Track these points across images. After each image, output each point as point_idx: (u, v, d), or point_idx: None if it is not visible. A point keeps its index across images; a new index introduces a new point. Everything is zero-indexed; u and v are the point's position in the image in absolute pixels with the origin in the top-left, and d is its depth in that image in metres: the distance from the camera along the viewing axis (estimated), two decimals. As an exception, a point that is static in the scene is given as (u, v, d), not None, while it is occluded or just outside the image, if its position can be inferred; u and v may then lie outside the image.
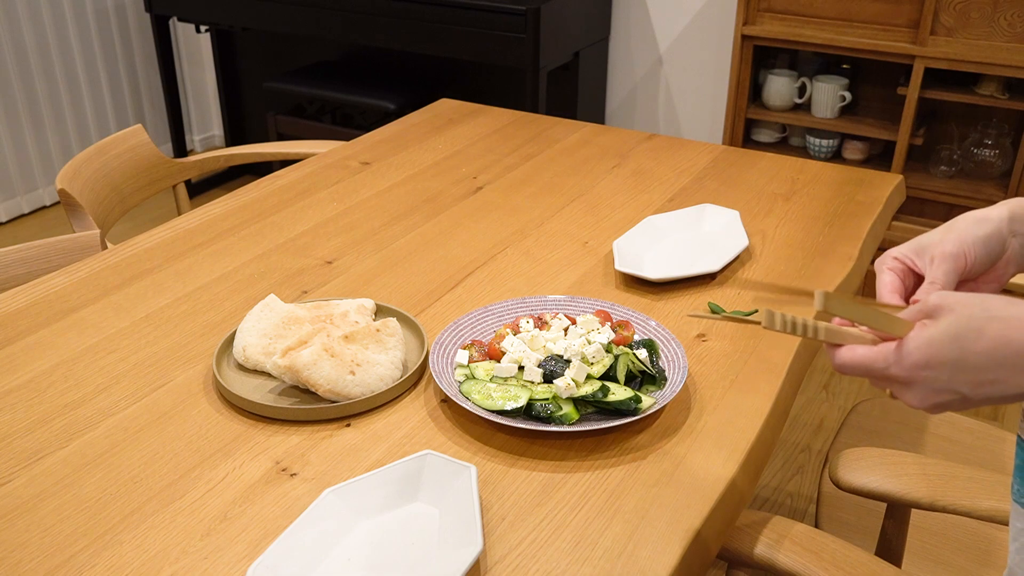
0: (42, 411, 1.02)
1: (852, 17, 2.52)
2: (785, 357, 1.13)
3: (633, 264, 1.31)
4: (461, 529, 0.83)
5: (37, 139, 3.50)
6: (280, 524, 0.86)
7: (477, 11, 2.76)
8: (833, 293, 0.64)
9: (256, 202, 1.56)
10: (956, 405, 0.64)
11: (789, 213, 1.53)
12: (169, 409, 1.03)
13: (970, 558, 1.22)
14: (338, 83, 3.22)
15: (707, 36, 3.07)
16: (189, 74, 4.01)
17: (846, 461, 1.02)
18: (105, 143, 1.80)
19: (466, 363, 1.06)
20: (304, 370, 1.00)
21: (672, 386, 1.02)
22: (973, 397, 0.63)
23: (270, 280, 1.31)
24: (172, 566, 0.81)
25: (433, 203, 1.56)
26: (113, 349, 1.14)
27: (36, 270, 1.44)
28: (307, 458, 0.95)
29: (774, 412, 1.04)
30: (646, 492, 0.90)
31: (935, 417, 1.49)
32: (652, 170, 1.71)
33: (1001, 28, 2.35)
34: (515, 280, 1.31)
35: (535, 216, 1.51)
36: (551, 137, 1.86)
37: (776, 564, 0.94)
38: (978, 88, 2.52)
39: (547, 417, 0.97)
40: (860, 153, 2.78)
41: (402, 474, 0.89)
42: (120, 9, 3.67)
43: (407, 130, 1.91)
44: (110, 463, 0.94)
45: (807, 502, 2.10)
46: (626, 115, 3.32)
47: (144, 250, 1.39)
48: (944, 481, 0.98)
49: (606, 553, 0.83)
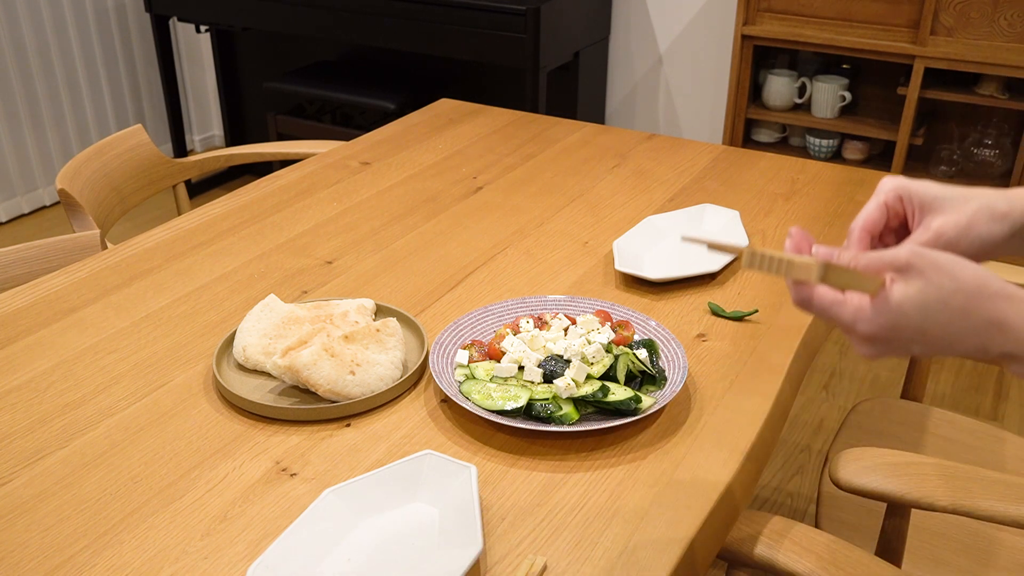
0: (42, 411, 1.02)
1: (852, 17, 2.52)
2: (785, 357, 1.13)
3: (633, 264, 1.31)
4: (461, 529, 0.83)
5: (37, 139, 3.50)
6: (280, 524, 0.86)
7: (477, 11, 2.76)
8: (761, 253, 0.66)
9: (256, 202, 1.56)
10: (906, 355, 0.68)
11: (789, 213, 1.53)
12: (169, 409, 1.03)
13: (970, 558, 1.22)
14: (338, 83, 3.22)
15: (707, 36, 3.07)
16: (189, 74, 4.01)
17: (846, 461, 1.02)
18: (105, 143, 1.80)
19: (466, 363, 1.06)
20: (304, 370, 1.00)
21: (672, 386, 1.02)
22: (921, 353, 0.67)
23: (270, 280, 1.31)
24: (172, 566, 0.81)
25: (433, 203, 1.56)
26: (113, 349, 1.14)
27: (36, 270, 1.44)
28: (307, 458, 0.95)
29: (774, 412, 1.04)
30: (646, 492, 0.90)
31: (935, 417, 1.49)
32: (652, 170, 1.71)
33: (1001, 28, 2.35)
34: (515, 280, 1.31)
35: (535, 216, 1.51)
36: (551, 137, 1.87)
37: (776, 564, 0.94)
38: (978, 88, 2.52)
39: (547, 417, 0.97)
40: (860, 153, 2.78)
41: (402, 474, 0.89)
42: (120, 9, 3.67)
43: (407, 130, 1.91)
44: (110, 463, 0.94)
45: (807, 502, 2.10)
46: (626, 115, 3.32)
47: (144, 250, 1.39)
48: (944, 481, 0.98)
49: (606, 553, 0.83)
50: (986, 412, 2.41)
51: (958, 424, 1.48)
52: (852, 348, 0.73)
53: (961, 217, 0.74)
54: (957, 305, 0.64)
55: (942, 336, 0.65)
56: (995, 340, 0.65)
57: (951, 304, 0.64)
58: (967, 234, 0.73)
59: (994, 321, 0.64)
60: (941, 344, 0.66)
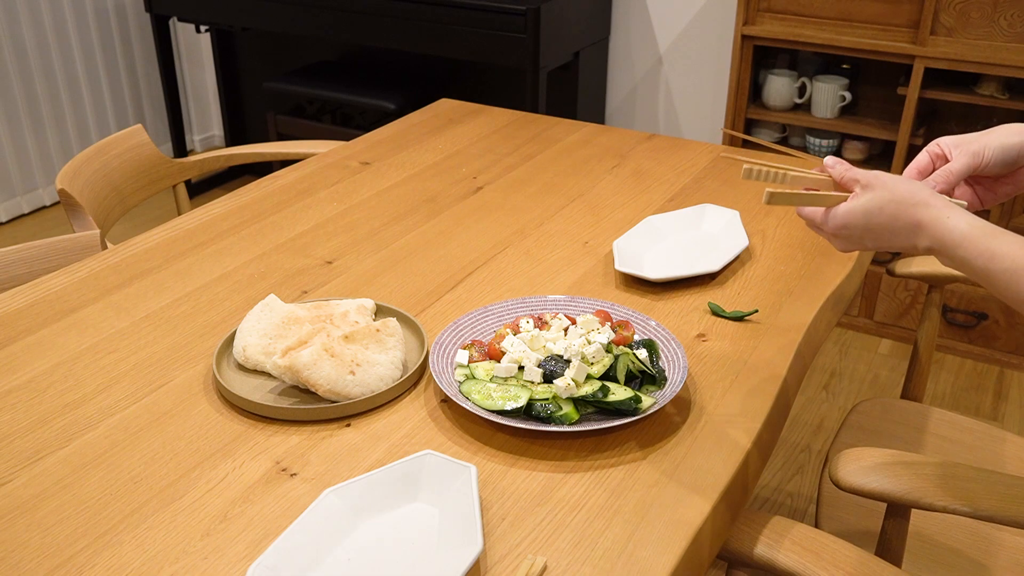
0: (42, 411, 1.02)
1: (852, 17, 2.52)
2: (785, 357, 1.13)
3: (633, 264, 1.31)
4: (461, 529, 0.83)
5: (37, 139, 3.50)
6: (280, 524, 0.86)
7: (477, 11, 2.76)
8: (777, 194, 0.91)
9: (256, 202, 1.56)
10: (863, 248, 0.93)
11: (789, 213, 1.53)
12: (169, 409, 1.03)
13: (970, 558, 1.22)
14: (338, 83, 3.22)
15: (707, 36, 3.07)
16: (189, 74, 4.01)
17: (846, 461, 1.02)
18: (105, 143, 1.80)
19: (466, 363, 1.06)
20: (304, 370, 1.00)
21: (672, 386, 1.02)
22: (874, 246, 0.91)
23: (270, 280, 1.31)
24: (172, 566, 0.81)
25: (433, 203, 1.56)
26: (113, 349, 1.14)
27: (36, 270, 1.44)
28: (307, 458, 0.95)
29: (774, 412, 1.04)
30: (646, 492, 0.90)
31: (935, 417, 1.49)
32: (652, 170, 1.71)
33: (1001, 28, 2.35)
34: (515, 280, 1.31)
35: (535, 216, 1.51)
36: (551, 137, 1.87)
37: (776, 564, 0.94)
38: (978, 88, 2.52)
39: (547, 417, 0.97)
40: (860, 153, 2.78)
41: (402, 474, 0.89)
42: (120, 9, 3.67)
43: (407, 130, 1.91)
44: (110, 463, 0.94)
45: (807, 502, 2.10)
46: (626, 115, 3.32)
47: (144, 250, 1.39)
48: (944, 481, 0.98)
49: (606, 553, 0.83)
50: (986, 412, 2.41)
51: (958, 424, 1.48)
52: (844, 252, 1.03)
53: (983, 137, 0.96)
54: (890, 211, 0.88)
55: (881, 233, 0.89)
56: (919, 237, 0.87)
57: (886, 210, 0.88)
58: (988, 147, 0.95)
59: (914, 223, 0.87)
60: (883, 239, 0.89)
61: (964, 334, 2.63)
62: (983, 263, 0.83)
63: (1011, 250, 0.81)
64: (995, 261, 0.82)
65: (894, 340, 2.73)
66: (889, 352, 2.67)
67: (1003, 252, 0.81)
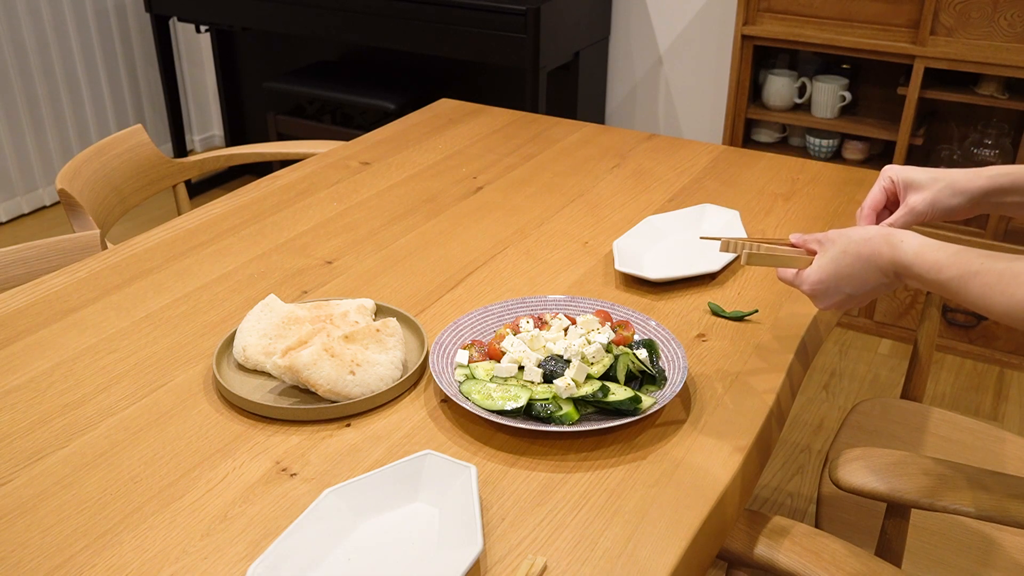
0: (42, 411, 1.02)
1: (852, 17, 2.52)
2: (785, 357, 1.13)
3: (633, 264, 1.31)
4: (461, 529, 0.83)
5: (37, 139, 3.50)
6: (280, 524, 0.86)
7: (477, 11, 2.76)
8: (753, 255, 1.01)
9: (256, 202, 1.56)
10: (846, 301, 0.99)
11: (789, 213, 1.53)
12: (169, 409, 1.03)
13: (970, 558, 1.22)
14: (338, 83, 3.22)
15: (707, 36, 3.07)
16: (189, 74, 4.01)
17: (846, 461, 1.02)
18: (105, 143, 1.80)
19: (466, 363, 1.06)
20: (304, 370, 1.00)
21: (672, 386, 1.02)
22: (855, 294, 0.97)
23: (270, 280, 1.31)
24: (172, 566, 0.81)
25: (433, 203, 1.56)
26: (113, 349, 1.14)
27: (36, 270, 1.44)
28: (307, 458, 0.95)
29: (774, 412, 1.04)
30: (646, 492, 0.90)
31: (935, 417, 1.49)
32: (652, 170, 1.71)
33: (1001, 28, 2.35)
34: (515, 280, 1.31)
35: (535, 216, 1.51)
36: (551, 137, 1.87)
37: (776, 564, 0.94)
38: (978, 88, 2.52)
39: (547, 417, 0.97)
40: (860, 153, 2.78)
41: (402, 474, 0.89)
42: (120, 9, 3.67)
43: (407, 130, 1.91)
44: (110, 463, 0.94)
45: (807, 502, 2.10)
46: (626, 115, 3.32)
47: (144, 250, 1.39)
48: (944, 481, 0.98)
49: (606, 553, 0.83)
50: (986, 412, 2.41)
51: (958, 424, 1.48)
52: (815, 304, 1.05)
53: (928, 194, 1.04)
54: (852, 252, 0.95)
55: (853, 278, 0.95)
56: (885, 266, 0.93)
57: (848, 252, 0.95)
58: (933, 207, 1.03)
59: (875, 256, 0.93)
60: (858, 284, 0.96)
61: (964, 334, 2.63)
62: (934, 275, 0.89)
63: (956, 259, 0.87)
64: (943, 271, 0.88)
65: (894, 340, 2.73)
66: (889, 352, 2.67)
67: (948, 262, 0.88)
